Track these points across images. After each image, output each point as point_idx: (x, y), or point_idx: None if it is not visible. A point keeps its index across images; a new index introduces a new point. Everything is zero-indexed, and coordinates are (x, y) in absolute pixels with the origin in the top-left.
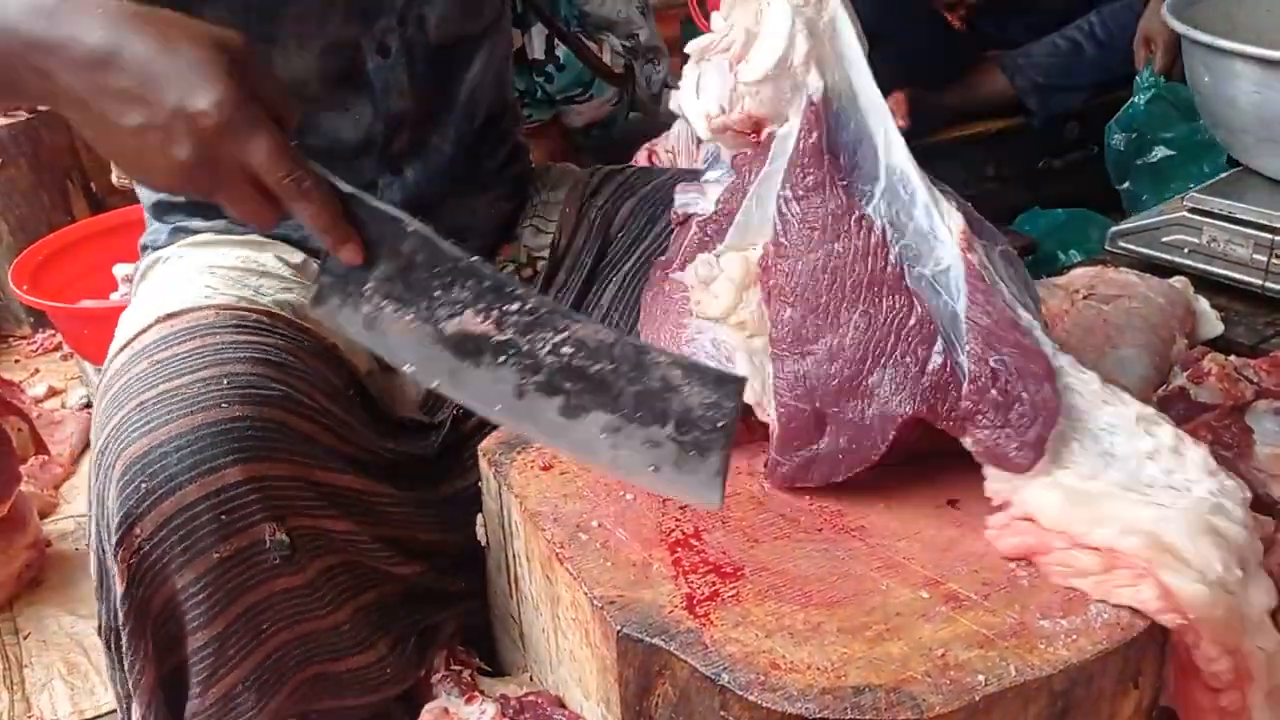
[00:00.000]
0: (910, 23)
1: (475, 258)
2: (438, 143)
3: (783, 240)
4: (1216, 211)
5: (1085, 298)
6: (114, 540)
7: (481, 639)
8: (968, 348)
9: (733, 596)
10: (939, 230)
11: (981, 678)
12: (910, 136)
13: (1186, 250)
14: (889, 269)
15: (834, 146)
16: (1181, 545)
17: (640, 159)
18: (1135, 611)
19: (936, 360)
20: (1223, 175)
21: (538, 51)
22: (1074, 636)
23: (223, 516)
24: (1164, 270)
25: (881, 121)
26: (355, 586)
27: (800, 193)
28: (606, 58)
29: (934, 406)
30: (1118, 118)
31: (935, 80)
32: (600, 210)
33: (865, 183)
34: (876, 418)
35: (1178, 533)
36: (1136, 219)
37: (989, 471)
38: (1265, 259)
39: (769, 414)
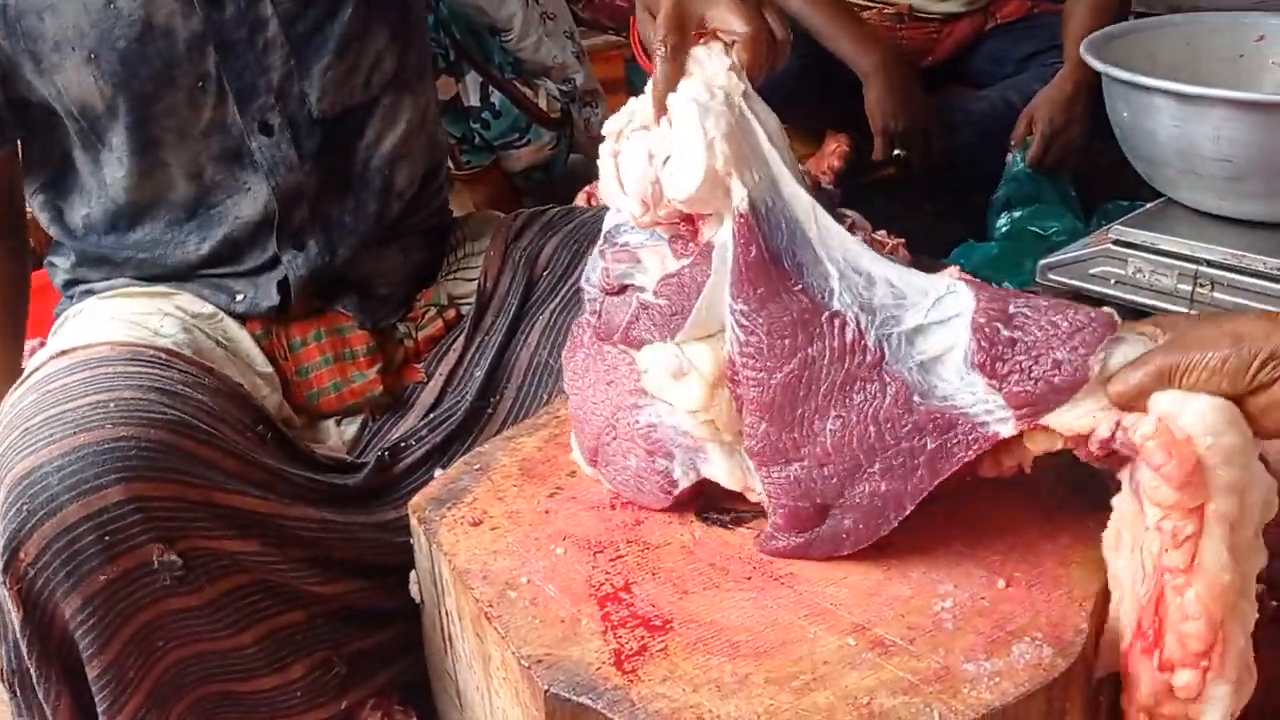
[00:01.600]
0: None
1: None
2: (338, 214)
3: (748, 351)
4: (1141, 243)
5: None
6: (1, 568)
7: (421, 696)
8: (972, 347)
9: (661, 650)
10: (902, 285)
11: None
12: (849, 175)
13: (1113, 281)
14: (868, 358)
15: (773, 252)
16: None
17: (580, 201)
18: (1058, 650)
19: (931, 417)
20: (1147, 207)
21: (473, 99)
22: (996, 679)
23: (106, 537)
24: (1093, 301)
25: (808, 209)
26: (270, 606)
27: (755, 305)
28: (543, 103)
29: (949, 451)
30: (996, 198)
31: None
32: (524, 250)
33: (818, 279)
34: (890, 497)
35: None
36: (1064, 252)
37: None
38: (1190, 289)
39: (759, 494)
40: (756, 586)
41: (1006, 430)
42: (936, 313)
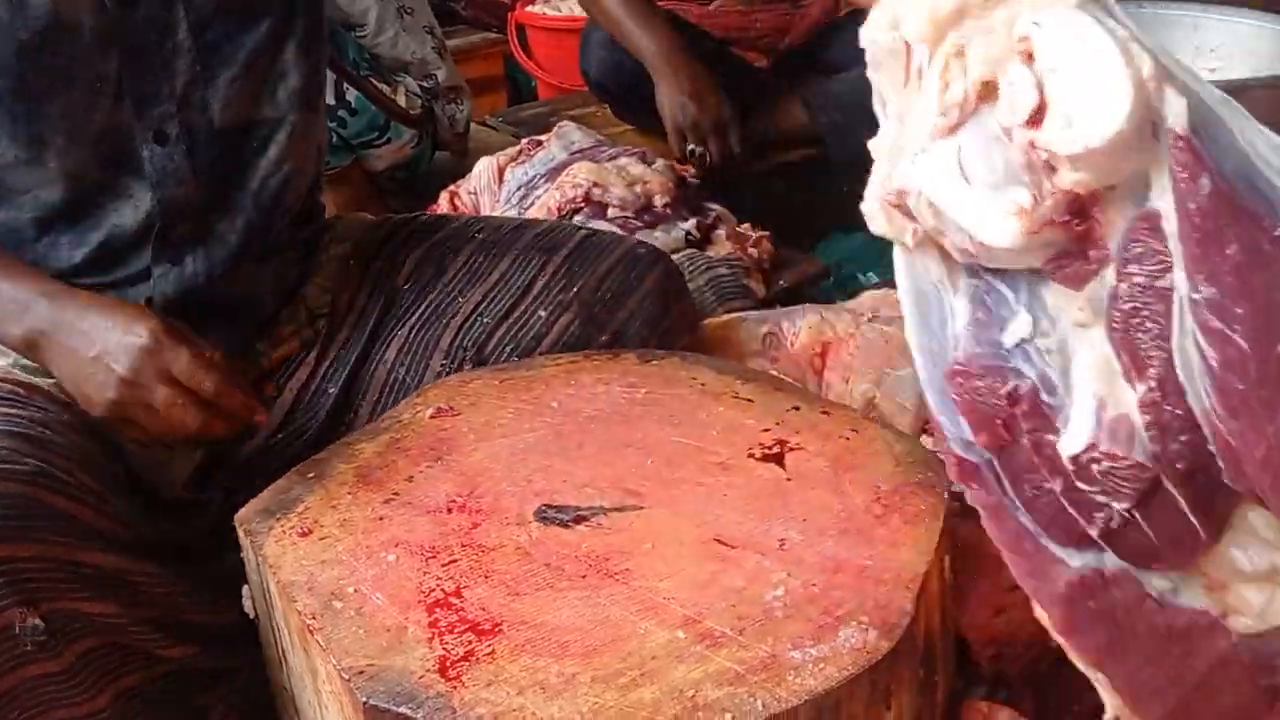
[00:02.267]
0: (699, 57)
1: None
2: (224, 231)
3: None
4: None
5: (870, 320)
6: None
7: (266, 713)
8: None
9: (488, 655)
10: None
11: (729, 716)
12: (722, 168)
13: None
14: None
15: (1231, 188)
16: None
17: (442, 201)
18: (882, 633)
19: None
20: None
21: (329, 97)
22: (822, 665)
23: None
24: None
25: (1240, 118)
26: (117, 669)
27: (1229, 272)
28: (402, 100)
29: None
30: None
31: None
32: (385, 261)
33: None
34: None
35: None
36: None
37: None
38: None
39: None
40: (591, 585)
41: None
42: None
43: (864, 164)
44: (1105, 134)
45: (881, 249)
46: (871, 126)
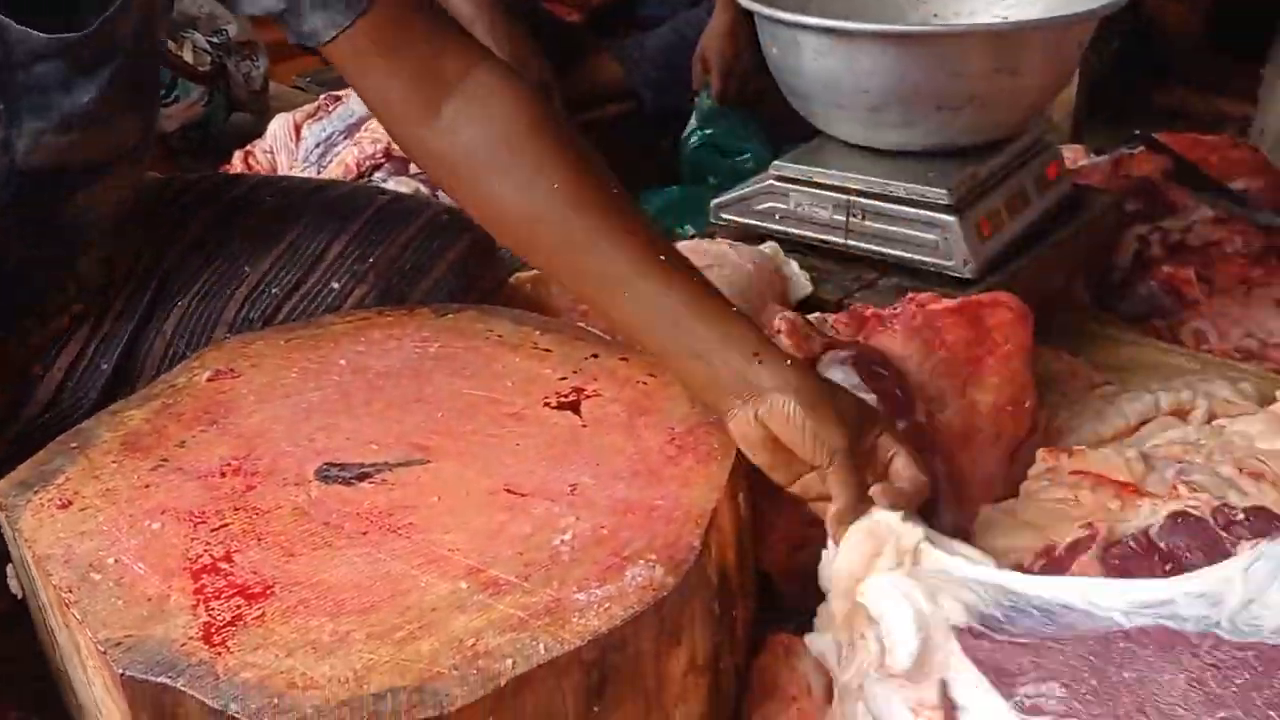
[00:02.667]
0: (514, 14)
1: None
2: (17, 266)
3: None
4: (799, 177)
5: None
6: None
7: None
8: None
9: (257, 618)
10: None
11: (510, 661)
12: None
13: (778, 216)
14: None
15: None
16: None
17: (236, 161)
18: (669, 570)
19: None
20: (807, 144)
21: None
22: (606, 605)
23: None
24: (762, 238)
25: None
26: None
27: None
28: (189, 56)
29: None
30: (685, 137)
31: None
32: (168, 225)
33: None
34: None
35: None
36: (733, 191)
37: None
38: (844, 219)
39: None
40: (371, 541)
41: None
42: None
43: (678, 117)
44: (904, 664)
45: (696, 203)
46: (683, 85)
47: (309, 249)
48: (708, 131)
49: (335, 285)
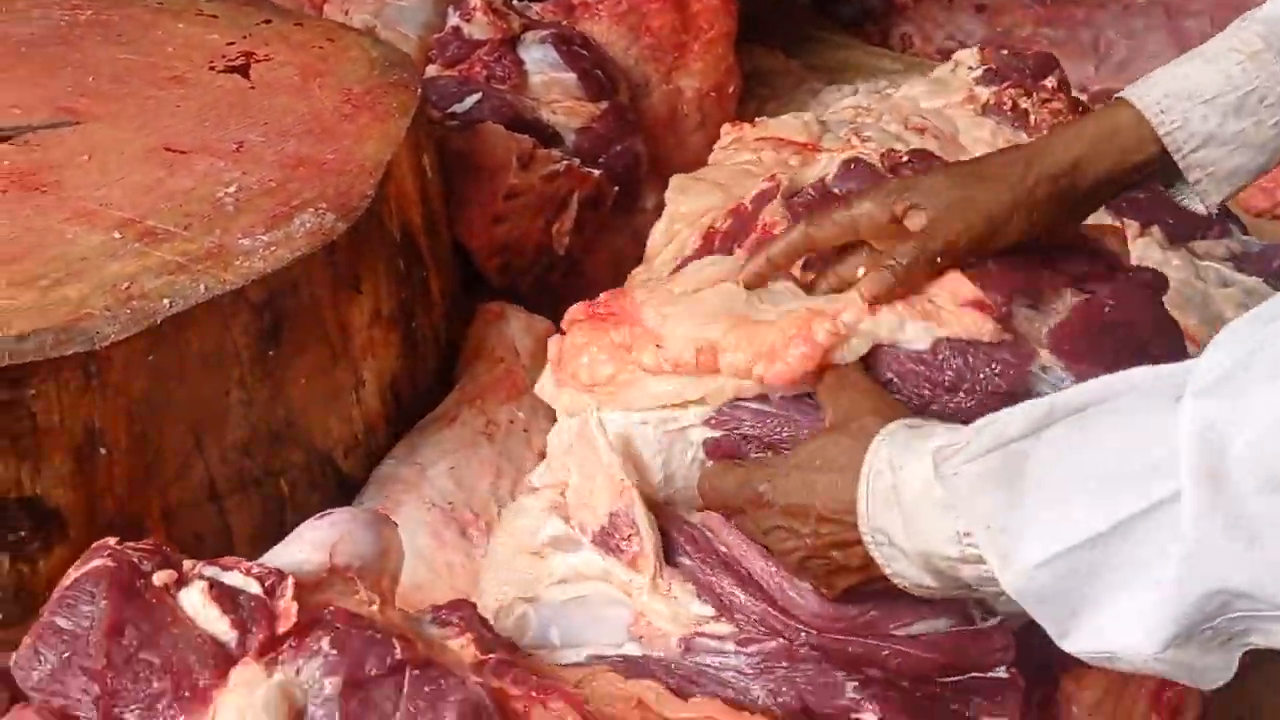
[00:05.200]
0: None
1: None
2: None
3: None
4: None
5: None
6: None
7: None
8: None
9: None
10: None
11: (167, 301)
12: None
13: None
14: None
15: None
16: None
17: None
18: (340, 215)
19: None
20: None
21: None
22: (273, 248)
23: None
24: None
25: None
26: None
27: None
28: None
29: None
30: None
31: None
32: None
33: None
34: None
35: None
36: None
37: None
38: None
39: None
40: (13, 200)
41: None
42: None
43: None
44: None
45: None
46: None
47: None
48: None
49: None
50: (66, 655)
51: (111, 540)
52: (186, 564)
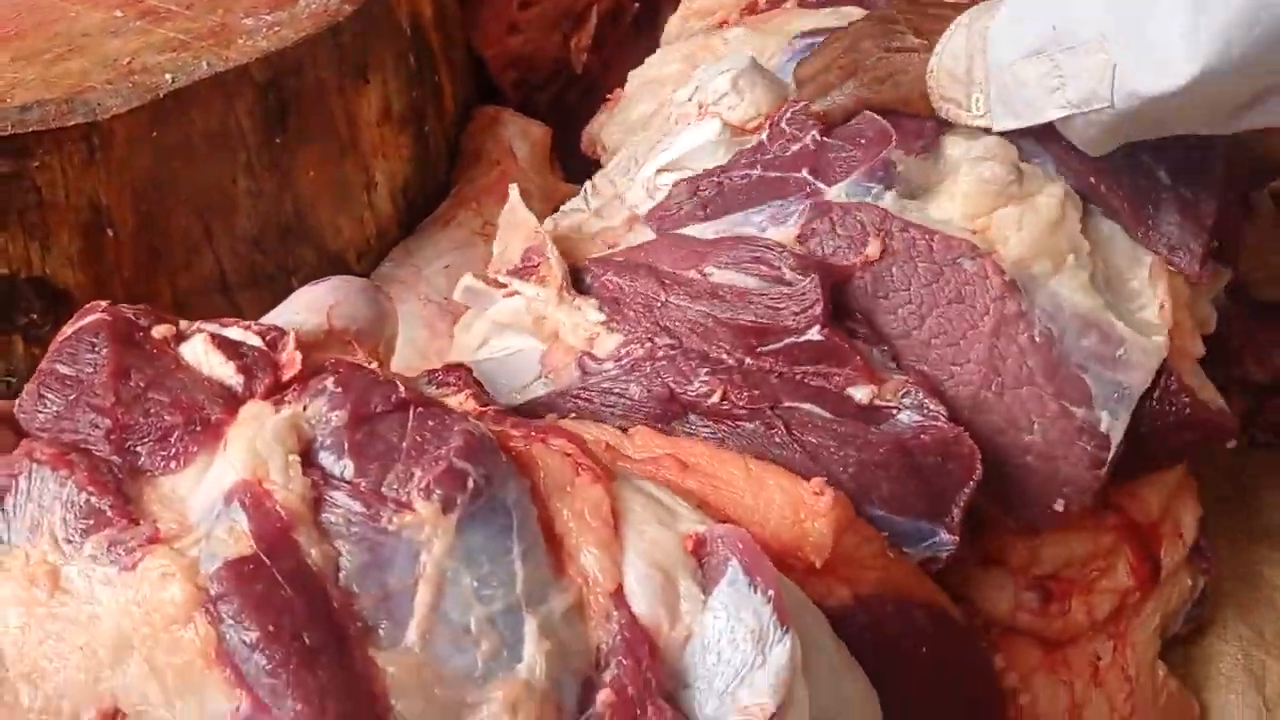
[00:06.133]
0: None
1: None
2: None
3: None
4: None
5: None
6: None
7: None
8: None
9: None
10: None
11: (169, 76)
12: None
13: None
14: None
15: None
16: None
17: None
18: None
19: None
20: None
21: None
22: (277, 29)
23: None
24: None
25: None
26: None
27: None
28: None
29: None
30: None
31: None
32: None
33: None
34: None
35: None
36: None
37: None
38: None
39: None
40: None
41: None
42: None
43: None
44: None
45: None
46: None
47: None
48: None
49: None
50: (73, 397)
51: (104, 302)
52: (183, 323)
